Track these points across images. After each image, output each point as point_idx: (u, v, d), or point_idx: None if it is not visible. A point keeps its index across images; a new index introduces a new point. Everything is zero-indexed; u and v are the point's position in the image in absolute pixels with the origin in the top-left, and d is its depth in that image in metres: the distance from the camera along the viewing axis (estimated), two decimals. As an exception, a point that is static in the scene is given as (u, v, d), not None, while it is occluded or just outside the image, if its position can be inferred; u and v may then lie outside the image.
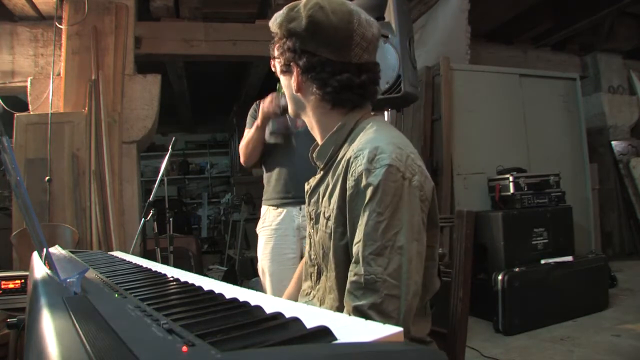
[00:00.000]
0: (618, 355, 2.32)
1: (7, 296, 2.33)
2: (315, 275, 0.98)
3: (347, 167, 0.82)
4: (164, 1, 3.74)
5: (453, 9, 3.81)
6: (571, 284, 2.96)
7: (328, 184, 0.90)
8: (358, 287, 0.75)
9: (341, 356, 0.33)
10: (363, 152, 0.80)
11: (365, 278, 0.74)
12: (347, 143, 0.89)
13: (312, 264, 0.99)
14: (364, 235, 0.76)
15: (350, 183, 0.80)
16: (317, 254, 0.95)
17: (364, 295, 0.74)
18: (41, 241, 0.71)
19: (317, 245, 0.94)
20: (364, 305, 0.74)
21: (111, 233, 3.14)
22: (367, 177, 0.77)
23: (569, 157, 4.12)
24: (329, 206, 0.87)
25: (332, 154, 0.92)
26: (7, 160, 0.66)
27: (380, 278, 0.74)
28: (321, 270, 0.95)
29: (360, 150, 0.81)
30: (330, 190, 0.87)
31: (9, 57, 3.59)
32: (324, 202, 0.90)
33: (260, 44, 4.07)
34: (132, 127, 3.43)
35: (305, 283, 1.05)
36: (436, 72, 3.70)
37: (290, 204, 1.93)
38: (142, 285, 0.71)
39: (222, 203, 6.95)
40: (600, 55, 5.31)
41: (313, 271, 0.99)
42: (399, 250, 0.75)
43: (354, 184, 0.79)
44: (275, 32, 0.94)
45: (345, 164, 0.83)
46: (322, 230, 0.89)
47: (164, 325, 0.42)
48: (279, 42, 0.93)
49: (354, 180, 0.79)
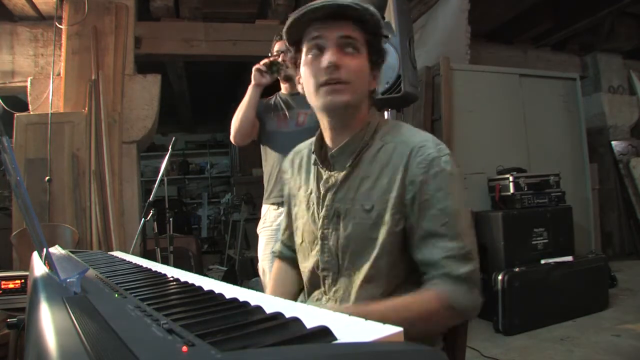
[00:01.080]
0: (618, 355, 2.32)
1: (7, 296, 2.33)
2: (331, 277, 0.97)
3: (409, 158, 0.89)
4: (164, 1, 3.74)
5: (453, 9, 3.80)
6: (571, 284, 2.96)
7: (364, 178, 0.93)
8: (455, 260, 0.84)
9: (341, 356, 0.33)
10: (427, 143, 0.90)
11: (462, 251, 0.84)
12: (378, 139, 0.95)
13: (324, 268, 0.98)
14: (449, 215, 0.85)
15: (418, 170, 0.87)
16: (334, 254, 0.95)
17: (462, 266, 0.83)
18: (41, 241, 0.71)
19: (341, 242, 0.94)
20: (462, 275, 0.83)
21: (111, 233, 3.14)
22: (440, 163, 0.87)
23: (569, 157, 4.12)
24: (373, 197, 0.91)
25: (359, 151, 0.94)
26: (7, 160, 0.66)
27: (472, 251, 0.86)
28: (339, 271, 0.95)
29: (423, 142, 0.90)
30: (374, 182, 0.91)
31: (9, 57, 3.59)
32: (362, 195, 0.92)
33: (260, 44, 4.06)
34: (132, 127, 3.43)
35: (311, 291, 1.04)
36: (436, 72, 3.70)
37: None
38: (142, 285, 0.71)
39: (222, 203, 6.94)
40: (600, 55, 5.31)
41: (327, 274, 0.98)
42: (472, 228, 0.89)
43: (425, 170, 0.87)
44: (371, 21, 0.92)
45: (400, 155, 0.90)
46: (358, 223, 0.92)
47: (164, 325, 0.42)
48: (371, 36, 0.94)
49: (425, 166, 0.87)
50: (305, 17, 0.90)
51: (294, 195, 1.11)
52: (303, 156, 1.11)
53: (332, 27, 0.90)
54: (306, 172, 1.07)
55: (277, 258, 1.19)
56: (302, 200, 1.06)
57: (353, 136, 0.95)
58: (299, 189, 1.08)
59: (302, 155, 1.12)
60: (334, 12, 0.89)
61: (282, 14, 4.09)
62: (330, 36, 0.90)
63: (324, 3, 0.87)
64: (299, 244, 1.07)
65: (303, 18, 0.90)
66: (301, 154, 1.13)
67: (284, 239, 1.18)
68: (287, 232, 1.17)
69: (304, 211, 1.04)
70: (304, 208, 1.04)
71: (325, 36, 0.90)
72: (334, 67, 0.89)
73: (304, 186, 1.06)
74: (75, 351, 0.38)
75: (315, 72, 0.91)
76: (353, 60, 0.91)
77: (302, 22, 0.91)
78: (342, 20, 0.90)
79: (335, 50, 0.90)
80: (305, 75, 0.94)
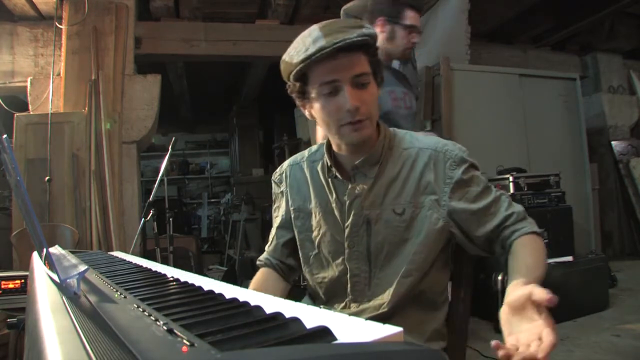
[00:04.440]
0: (618, 355, 2.32)
1: (7, 296, 2.33)
2: (362, 282, 1.01)
3: (437, 161, 0.98)
4: (164, 1, 3.74)
5: (453, 9, 3.80)
6: (571, 284, 2.96)
7: (390, 184, 0.99)
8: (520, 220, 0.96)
9: (341, 356, 0.33)
10: (448, 145, 1.00)
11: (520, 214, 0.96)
12: (395, 148, 1.02)
13: (354, 274, 1.01)
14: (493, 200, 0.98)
15: (451, 171, 0.97)
16: (365, 259, 1.00)
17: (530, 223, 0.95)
18: (41, 241, 0.71)
19: (374, 247, 0.99)
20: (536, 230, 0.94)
21: (111, 233, 3.15)
22: (467, 160, 0.98)
23: (569, 157, 4.12)
24: (402, 201, 0.98)
25: (380, 160, 1.00)
26: (7, 160, 0.66)
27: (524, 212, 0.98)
28: (371, 274, 1.00)
29: (444, 145, 1.00)
30: (402, 187, 0.99)
31: (9, 57, 3.59)
32: (390, 200, 0.99)
33: (260, 44, 4.07)
34: (132, 127, 3.43)
35: (330, 301, 1.06)
36: (436, 72, 3.70)
37: None
38: (142, 285, 0.71)
39: (222, 203, 6.95)
40: (600, 55, 5.30)
41: (358, 280, 1.01)
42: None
43: (456, 167, 0.97)
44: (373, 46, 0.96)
45: (424, 160, 0.98)
46: (391, 226, 0.98)
47: (164, 325, 0.42)
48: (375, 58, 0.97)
49: (456, 164, 0.97)
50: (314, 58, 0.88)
51: (297, 209, 1.11)
52: (305, 169, 1.10)
53: (344, 66, 0.90)
54: (314, 184, 1.08)
55: (262, 267, 1.17)
56: (315, 212, 1.07)
57: (374, 149, 1.00)
58: (309, 202, 1.08)
59: (302, 168, 1.11)
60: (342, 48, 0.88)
61: (282, 14, 4.09)
62: (345, 77, 0.90)
63: (334, 43, 0.86)
64: (312, 255, 1.08)
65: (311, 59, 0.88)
66: (299, 166, 1.12)
67: (271, 249, 1.17)
68: (274, 243, 1.16)
69: (321, 222, 1.05)
70: (320, 219, 1.05)
71: (340, 79, 0.90)
72: (356, 109, 0.91)
73: (316, 199, 1.07)
74: (75, 351, 0.38)
75: (336, 113, 0.93)
76: (367, 94, 0.93)
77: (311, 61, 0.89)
78: (351, 53, 0.90)
79: (351, 90, 0.91)
80: (323, 114, 0.95)
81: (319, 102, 0.94)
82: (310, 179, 1.09)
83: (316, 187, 1.07)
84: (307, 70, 0.92)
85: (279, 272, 1.15)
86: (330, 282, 1.05)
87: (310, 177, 1.09)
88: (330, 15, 0.97)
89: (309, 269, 1.10)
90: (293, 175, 1.13)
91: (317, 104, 0.95)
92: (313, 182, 1.08)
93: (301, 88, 0.95)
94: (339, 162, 1.04)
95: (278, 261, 1.15)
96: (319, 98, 0.94)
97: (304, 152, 1.15)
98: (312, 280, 1.09)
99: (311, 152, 1.12)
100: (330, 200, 1.04)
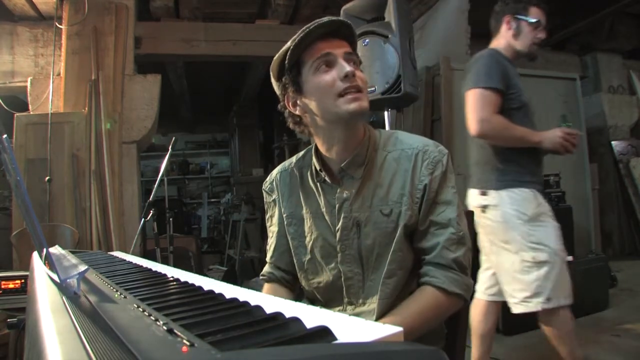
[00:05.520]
0: (618, 355, 2.32)
1: (7, 296, 2.33)
2: (356, 285, 1.01)
3: (416, 160, 0.98)
4: (164, 1, 3.74)
5: (453, 9, 3.80)
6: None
7: (377, 185, 1.00)
8: (453, 243, 0.94)
9: (341, 356, 0.33)
10: (429, 147, 0.99)
11: (458, 235, 0.95)
12: (381, 149, 1.02)
13: (348, 277, 1.02)
14: (449, 205, 0.97)
15: (427, 170, 0.97)
16: (357, 262, 1.00)
17: (458, 248, 0.95)
18: (41, 241, 0.71)
19: (365, 249, 0.99)
20: (459, 257, 0.94)
21: (111, 233, 3.15)
22: (443, 162, 0.98)
23: (568, 157, 4.07)
24: (389, 202, 0.98)
25: (367, 162, 1.00)
26: (7, 160, 0.66)
27: (465, 235, 0.97)
28: (364, 276, 1.00)
29: (425, 146, 0.99)
30: (388, 188, 0.99)
31: (9, 57, 3.59)
32: (378, 202, 0.99)
33: (260, 44, 4.07)
34: (132, 127, 3.43)
35: (327, 305, 1.05)
36: (436, 72, 3.69)
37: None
38: (142, 285, 0.71)
39: (222, 203, 6.94)
40: (600, 55, 5.30)
41: (352, 283, 1.01)
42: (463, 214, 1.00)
43: (433, 169, 0.97)
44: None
45: (407, 160, 0.99)
46: (380, 228, 0.98)
47: (164, 325, 0.42)
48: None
49: (433, 166, 0.97)
50: (314, 33, 0.93)
51: (290, 215, 1.10)
52: (294, 175, 1.10)
53: (336, 45, 0.96)
54: (304, 190, 1.08)
55: (265, 282, 1.15)
56: (307, 217, 1.07)
57: (359, 149, 1.00)
58: (301, 207, 1.08)
59: (291, 174, 1.11)
60: (334, 31, 0.96)
61: (282, 14, 4.09)
62: (338, 52, 0.96)
63: (330, 18, 0.93)
64: (306, 261, 1.08)
65: (312, 34, 0.93)
66: (288, 172, 1.12)
67: (273, 260, 1.15)
68: (276, 253, 1.14)
69: (313, 227, 1.05)
70: (312, 224, 1.05)
71: (334, 52, 0.95)
72: (352, 74, 0.94)
73: (306, 204, 1.07)
74: (75, 351, 0.38)
75: (332, 83, 0.94)
76: (360, 73, 0.98)
77: (305, 43, 0.94)
78: (339, 39, 0.97)
79: (345, 62, 0.95)
80: (319, 88, 0.95)
81: (315, 79, 0.95)
82: (300, 185, 1.09)
83: (306, 193, 1.07)
84: (302, 53, 0.96)
85: (284, 284, 1.14)
86: (325, 286, 1.05)
87: (300, 183, 1.09)
88: (330, 15, 0.97)
89: (304, 274, 1.09)
90: (283, 182, 1.12)
91: (313, 82, 0.96)
92: (303, 187, 1.08)
93: (295, 77, 0.97)
94: (327, 165, 1.04)
95: (282, 272, 1.14)
96: (315, 74, 0.95)
97: (292, 158, 1.15)
98: (309, 285, 1.09)
99: (298, 158, 1.13)
100: (320, 204, 1.04)
